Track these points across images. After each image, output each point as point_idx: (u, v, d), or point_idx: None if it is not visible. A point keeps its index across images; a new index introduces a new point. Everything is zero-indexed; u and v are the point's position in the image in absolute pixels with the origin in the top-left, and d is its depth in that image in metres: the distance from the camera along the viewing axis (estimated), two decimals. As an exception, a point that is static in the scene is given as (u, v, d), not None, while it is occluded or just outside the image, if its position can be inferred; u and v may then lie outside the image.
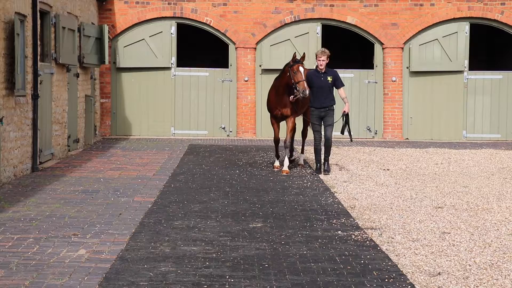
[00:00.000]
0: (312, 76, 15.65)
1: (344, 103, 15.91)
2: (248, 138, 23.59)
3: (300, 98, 15.66)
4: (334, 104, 15.80)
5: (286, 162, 16.07)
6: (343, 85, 16.01)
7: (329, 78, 15.58)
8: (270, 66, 23.12)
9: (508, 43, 25.23)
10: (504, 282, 7.76)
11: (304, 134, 17.40)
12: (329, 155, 15.88)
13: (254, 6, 23.71)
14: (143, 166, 16.66)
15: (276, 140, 16.59)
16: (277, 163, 16.47)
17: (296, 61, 15.70)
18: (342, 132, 15.93)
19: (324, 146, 15.70)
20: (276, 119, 16.45)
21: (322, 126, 15.76)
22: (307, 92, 15.24)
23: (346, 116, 15.77)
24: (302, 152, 17.40)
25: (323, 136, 15.81)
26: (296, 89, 15.40)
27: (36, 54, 15.82)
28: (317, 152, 15.81)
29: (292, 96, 15.69)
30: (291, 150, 17.14)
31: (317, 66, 15.73)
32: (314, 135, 15.81)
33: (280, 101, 16.10)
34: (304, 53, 16.19)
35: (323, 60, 15.54)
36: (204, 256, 8.68)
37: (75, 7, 19.81)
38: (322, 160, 15.83)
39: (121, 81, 24.09)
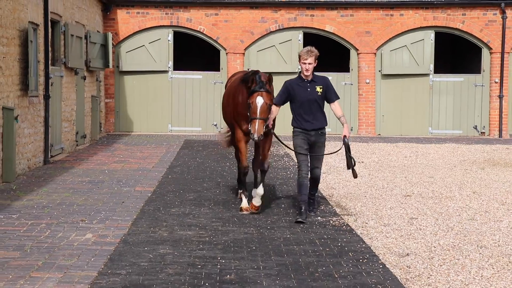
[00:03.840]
0: (294, 86, 10.03)
1: (341, 124, 10.12)
2: (237, 134, 23.55)
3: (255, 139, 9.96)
4: (326, 125, 10.22)
5: (261, 191, 10.53)
6: (338, 98, 10.24)
7: (319, 89, 10.02)
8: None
9: (469, 49, 25.30)
10: (465, 261, 7.80)
11: (257, 163, 10.91)
12: (316, 192, 10.60)
13: (242, 15, 23.71)
14: (143, 159, 16.64)
15: (244, 169, 10.65)
16: (245, 203, 10.54)
17: (256, 87, 9.99)
18: (350, 167, 10.11)
19: (310, 181, 10.18)
20: (245, 135, 10.52)
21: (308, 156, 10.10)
22: (256, 137, 9.82)
23: (347, 142, 10.05)
24: (256, 186, 10.73)
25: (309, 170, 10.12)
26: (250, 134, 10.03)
27: (48, 59, 15.79)
28: (302, 187, 9.95)
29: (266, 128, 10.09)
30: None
31: (300, 72, 10.08)
32: (299, 165, 9.97)
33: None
34: (270, 74, 10.24)
35: (309, 64, 9.92)
36: (198, 239, 8.68)
37: (82, 17, 19.76)
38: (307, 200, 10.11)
39: (123, 83, 24.04)
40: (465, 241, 8.80)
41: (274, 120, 10.33)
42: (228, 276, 7.08)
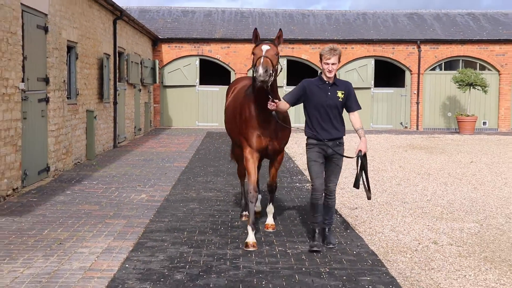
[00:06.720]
0: (313, 87, 5.97)
1: (359, 137, 6.05)
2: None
3: (258, 84, 5.56)
4: (344, 135, 6.15)
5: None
6: (359, 108, 6.22)
7: (340, 94, 6.03)
8: (255, 85, 23.07)
9: (397, 71, 25.35)
10: (393, 212, 7.86)
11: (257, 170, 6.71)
12: (332, 220, 6.14)
13: (245, 48, 23.67)
14: (179, 145, 16.66)
15: (252, 192, 6.07)
16: (252, 238, 5.87)
17: (260, 40, 5.80)
18: (357, 185, 5.99)
19: (324, 206, 6.05)
20: (257, 153, 6.13)
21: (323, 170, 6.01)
22: (261, 71, 5.48)
23: (362, 158, 5.98)
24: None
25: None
26: (254, 78, 5.64)
27: (116, 77, 15.78)
28: (316, 209, 5.96)
29: (271, 103, 5.75)
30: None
31: (321, 73, 6.03)
32: (313, 182, 5.88)
33: (268, 125, 6.07)
34: (280, 29, 5.85)
35: (332, 64, 5.92)
36: (216, 198, 8.72)
37: (138, 49, 19.73)
38: (322, 223, 6.05)
39: (166, 94, 24.04)
40: (394, 199, 8.85)
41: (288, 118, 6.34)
42: (236, 223, 7.12)
